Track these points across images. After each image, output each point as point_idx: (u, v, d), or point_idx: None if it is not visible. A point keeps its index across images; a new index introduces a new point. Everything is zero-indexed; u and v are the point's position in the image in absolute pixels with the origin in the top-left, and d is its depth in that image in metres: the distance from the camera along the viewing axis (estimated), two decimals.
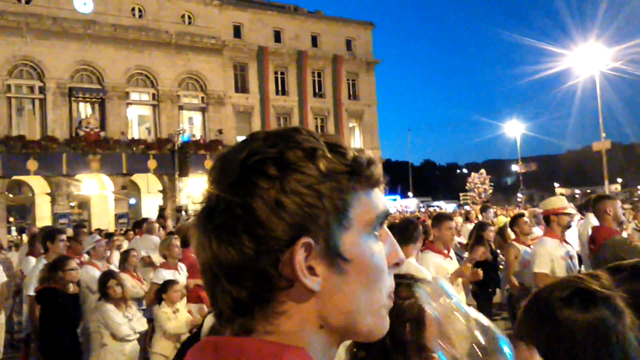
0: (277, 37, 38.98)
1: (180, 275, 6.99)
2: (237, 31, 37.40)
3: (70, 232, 9.40)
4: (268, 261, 0.73)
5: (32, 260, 8.27)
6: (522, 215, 7.94)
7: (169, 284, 6.25)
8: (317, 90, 40.76)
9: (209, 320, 3.61)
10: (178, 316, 6.06)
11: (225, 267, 0.74)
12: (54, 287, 5.71)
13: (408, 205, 50.74)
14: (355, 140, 42.66)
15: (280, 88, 39.17)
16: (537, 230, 8.17)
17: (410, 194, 59.60)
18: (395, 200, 53.66)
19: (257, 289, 0.74)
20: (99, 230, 12.83)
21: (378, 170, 0.83)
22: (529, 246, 6.92)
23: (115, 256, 8.99)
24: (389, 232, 0.85)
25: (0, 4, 29.43)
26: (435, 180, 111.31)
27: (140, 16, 33.72)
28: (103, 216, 30.13)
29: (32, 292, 6.14)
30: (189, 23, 35.26)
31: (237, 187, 0.75)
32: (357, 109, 42.45)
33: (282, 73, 39.25)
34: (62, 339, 5.71)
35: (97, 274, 6.64)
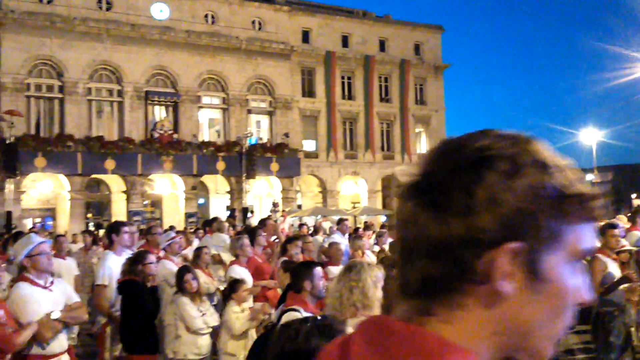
0: (345, 42, 39.13)
1: (247, 274, 7.20)
2: (305, 36, 37.84)
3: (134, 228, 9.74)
4: (471, 251, 0.72)
5: (108, 253, 8.70)
6: (614, 226, 6.96)
7: (238, 283, 6.41)
8: (383, 95, 40.58)
9: (286, 317, 3.75)
10: (245, 315, 6.21)
11: (429, 242, 0.75)
12: (134, 279, 5.90)
13: None
14: (421, 146, 42.18)
15: (346, 92, 39.24)
16: None
17: None
18: None
19: (450, 274, 0.74)
20: (172, 227, 13.43)
21: (602, 206, 0.80)
22: (615, 260, 6.58)
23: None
24: (584, 270, 0.82)
25: (83, 11, 31.09)
26: None
27: (212, 22, 34.75)
28: (174, 215, 31.22)
29: (99, 282, 6.33)
30: (259, 29, 36.01)
31: (461, 172, 0.75)
32: (424, 114, 41.99)
33: (349, 78, 39.33)
34: (142, 330, 5.88)
35: (173, 268, 6.87)
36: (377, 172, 39.42)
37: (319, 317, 1.75)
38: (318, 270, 4.43)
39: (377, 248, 11.07)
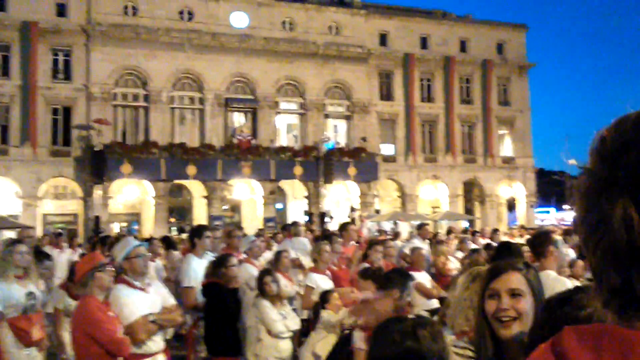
0: (424, 43, 38.36)
1: (329, 280, 7.12)
2: (382, 39, 37.38)
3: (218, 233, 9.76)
4: None
5: (191, 256, 8.72)
6: None
7: (329, 293, 6.32)
8: (464, 97, 39.44)
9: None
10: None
11: None
12: (217, 282, 5.96)
13: (564, 218, 47.27)
14: (505, 148, 40.66)
15: (425, 95, 38.42)
16: None
17: (566, 206, 55.55)
18: (549, 212, 50.32)
19: None
20: (259, 234, 13.56)
21: None
22: None
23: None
24: None
25: (166, 22, 32.09)
26: None
27: (290, 29, 34.98)
28: (252, 220, 31.51)
29: (185, 284, 6.48)
30: (336, 33, 35.91)
31: None
32: (508, 116, 40.44)
33: (428, 80, 38.52)
34: (225, 332, 5.95)
35: (254, 272, 6.90)
36: (458, 175, 38.31)
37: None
38: (411, 284, 4.27)
39: (459, 254, 10.58)
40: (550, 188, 61.90)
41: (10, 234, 23.28)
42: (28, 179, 29.66)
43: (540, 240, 4.61)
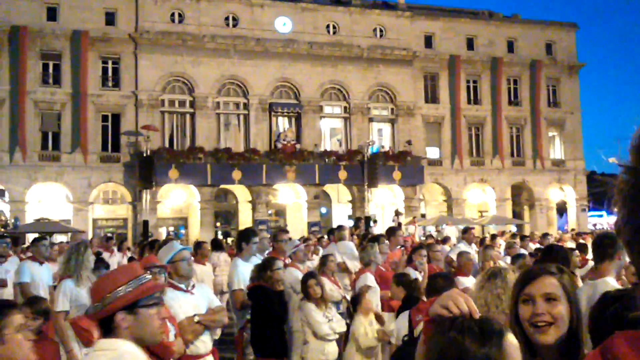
0: (470, 44, 37.75)
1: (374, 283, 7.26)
2: (428, 41, 36.95)
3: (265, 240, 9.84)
4: None
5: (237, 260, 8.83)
6: None
7: (360, 295, 6.51)
8: (512, 98, 38.59)
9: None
10: (371, 330, 6.26)
11: None
12: (263, 285, 6.04)
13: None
14: (555, 151, 39.56)
15: (472, 97, 37.79)
16: None
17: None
18: (601, 216, 48.58)
19: None
20: (306, 240, 13.60)
21: None
22: None
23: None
24: None
25: (212, 29, 32.52)
26: None
27: (334, 32, 34.94)
28: (297, 224, 31.49)
29: (235, 287, 6.60)
30: (381, 36, 35.68)
31: None
32: (557, 117, 39.34)
33: (474, 81, 37.86)
34: (272, 334, 6.03)
35: (299, 275, 6.96)
36: (506, 179, 37.48)
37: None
38: (455, 287, 4.11)
39: (508, 259, 10.27)
40: (601, 191, 59.84)
41: (63, 238, 23.98)
42: (79, 185, 30.47)
43: (606, 242, 4.32)
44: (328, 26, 34.92)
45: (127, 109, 31.50)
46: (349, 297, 7.49)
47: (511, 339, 1.38)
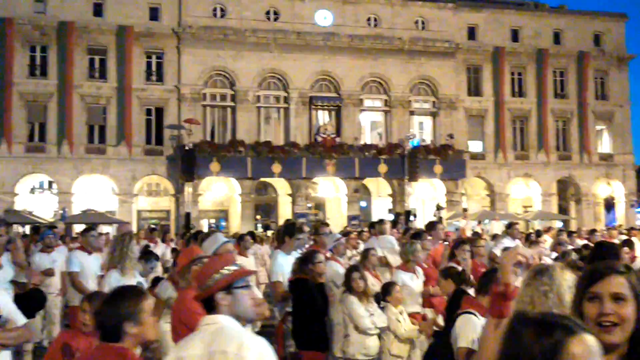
0: (515, 36, 36.95)
1: (418, 279, 7.17)
2: (471, 33, 36.31)
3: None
4: None
5: (276, 252, 8.89)
6: None
7: (390, 285, 6.52)
8: (558, 91, 37.62)
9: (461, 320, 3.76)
10: (404, 320, 6.26)
11: None
12: (305, 278, 6.05)
13: None
14: (603, 145, 38.40)
15: (516, 89, 37.01)
16: None
17: None
18: None
19: None
20: (347, 233, 13.68)
21: None
22: None
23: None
24: None
25: (253, 23, 32.68)
26: None
27: (375, 25, 34.67)
28: (337, 218, 31.47)
29: (274, 279, 6.64)
30: (422, 28, 35.23)
31: None
32: (605, 110, 38.18)
33: (519, 74, 37.05)
34: (313, 326, 6.05)
35: (339, 269, 7.00)
36: (552, 173, 36.63)
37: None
38: None
39: (554, 255, 10.04)
40: None
41: (108, 229, 24.56)
42: (124, 177, 31.14)
43: None
44: (369, 19, 34.66)
45: (170, 102, 32.00)
46: None
47: (583, 340, 1.29)
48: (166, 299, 6.50)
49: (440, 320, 6.06)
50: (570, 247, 10.53)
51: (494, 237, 15.19)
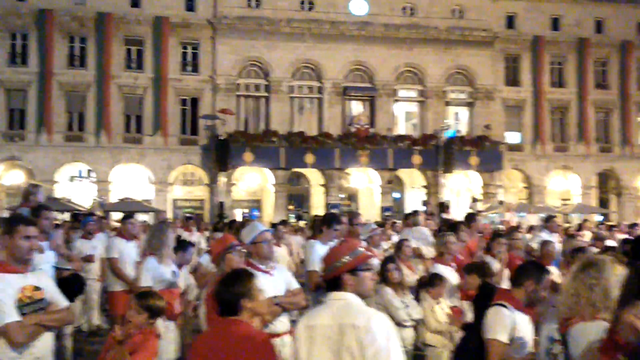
0: (555, 24, 36.06)
1: (454, 272, 7.04)
2: (509, 21, 35.60)
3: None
4: None
5: (312, 242, 8.87)
6: None
7: (436, 277, 6.39)
8: (599, 81, 36.63)
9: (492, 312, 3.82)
10: (439, 311, 6.20)
11: None
12: None
13: None
14: None
15: (556, 79, 36.17)
16: None
17: None
18: None
19: None
20: (390, 223, 13.66)
21: None
22: None
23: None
24: None
25: (287, 13, 32.62)
26: None
27: (411, 14, 34.25)
28: (369, 208, 31.35)
29: (310, 268, 6.63)
30: (460, 17, 34.66)
31: None
32: None
33: (559, 63, 36.18)
34: None
35: (375, 261, 6.82)
36: (592, 166, 35.78)
37: None
38: (547, 278, 4.17)
39: (594, 250, 9.77)
40: None
41: (144, 217, 24.93)
42: (160, 166, 31.57)
43: None
44: (404, 8, 34.25)
45: (205, 93, 32.24)
46: None
47: None
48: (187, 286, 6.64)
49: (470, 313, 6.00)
50: (612, 242, 10.25)
51: (530, 229, 14.94)
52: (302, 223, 27.75)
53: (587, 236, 13.52)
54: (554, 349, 3.80)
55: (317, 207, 31.69)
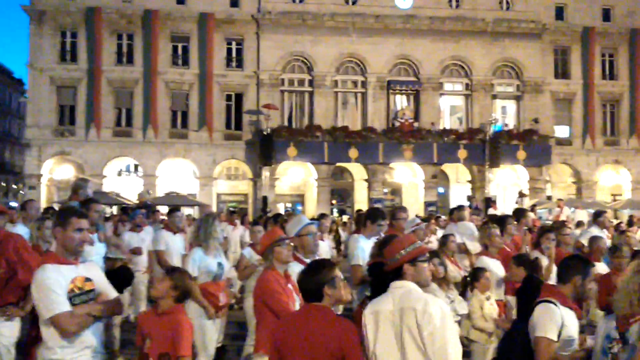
0: (606, 15, 34.90)
1: (501, 266, 6.99)
2: (559, 12, 34.61)
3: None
4: None
5: (356, 237, 8.87)
6: None
7: (479, 271, 6.39)
8: None
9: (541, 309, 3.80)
10: (488, 307, 6.20)
11: None
12: (382, 261, 5.95)
13: None
14: None
15: (607, 72, 35.05)
16: None
17: None
18: None
19: None
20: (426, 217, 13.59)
21: None
22: None
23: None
24: None
25: (332, 7, 32.54)
26: None
27: (457, 6, 33.71)
28: (413, 204, 31.06)
29: (353, 262, 6.60)
30: (507, 8, 33.93)
31: None
32: None
33: (610, 55, 35.02)
34: None
35: None
36: None
37: None
38: (592, 270, 4.13)
39: None
40: None
41: (189, 211, 25.36)
42: (205, 161, 32.05)
43: None
44: (450, 0, 33.71)
45: (249, 88, 32.52)
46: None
47: None
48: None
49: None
50: None
51: (578, 224, 14.55)
52: (345, 218, 27.77)
53: (638, 232, 13.10)
54: (613, 347, 3.70)
55: (361, 202, 31.59)
